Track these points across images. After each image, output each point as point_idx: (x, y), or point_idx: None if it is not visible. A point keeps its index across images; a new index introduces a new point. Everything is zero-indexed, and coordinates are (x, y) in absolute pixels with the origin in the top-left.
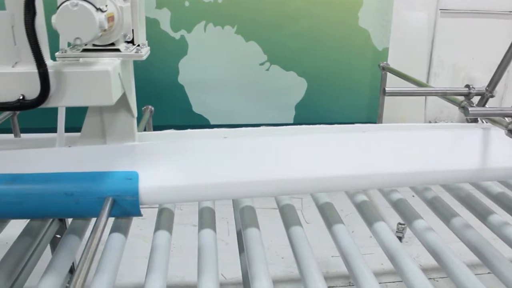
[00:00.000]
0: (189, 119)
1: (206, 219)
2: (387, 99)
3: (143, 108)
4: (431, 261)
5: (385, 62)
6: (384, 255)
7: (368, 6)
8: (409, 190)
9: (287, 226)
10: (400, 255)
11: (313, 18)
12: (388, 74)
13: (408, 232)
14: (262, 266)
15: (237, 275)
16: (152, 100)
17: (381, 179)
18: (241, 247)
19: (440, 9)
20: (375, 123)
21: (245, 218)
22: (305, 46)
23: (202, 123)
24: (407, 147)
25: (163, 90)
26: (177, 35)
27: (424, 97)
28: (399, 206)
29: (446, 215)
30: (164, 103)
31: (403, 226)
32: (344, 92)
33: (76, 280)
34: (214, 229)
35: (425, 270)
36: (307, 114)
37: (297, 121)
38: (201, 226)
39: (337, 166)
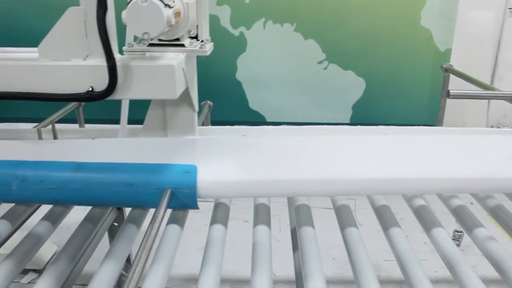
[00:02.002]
0: (245, 116)
1: (262, 215)
2: (447, 101)
3: (202, 103)
4: (490, 272)
5: (448, 64)
6: (438, 263)
7: (431, 4)
8: (468, 196)
9: (342, 226)
10: (459, 264)
11: (374, 16)
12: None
13: (464, 241)
14: (316, 265)
15: (287, 273)
16: (209, 95)
17: (441, 184)
18: (295, 245)
19: (509, 8)
20: (434, 126)
21: (300, 216)
22: (364, 45)
23: (258, 119)
24: (470, 152)
25: (221, 86)
26: (236, 32)
27: (487, 101)
28: (458, 213)
29: (510, 225)
30: (222, 99)
31: (460, 233)
32: (403, 93)
33: (135, 268)
34: (269, 225)
35: (484, 281)
36: (365, 115)
37: (354, 121)
38: (256, 222)
39: (396, 168)
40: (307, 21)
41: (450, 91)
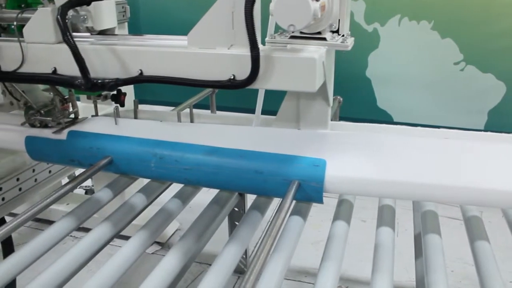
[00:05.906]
0: (373, 114)
1: (386, 217)
2: None
3: (332, 98)
4: None
5: None
6: None
7: None
8: None
9: (472, 239)
10: None
11: None
12: None
13: None
14: (442, 275)
15: (402, 278)
16: (338, 90)
17: None
18: (418, 252)
19: None
20: None
21: (426, 222)
22: (509, 46)
23: (385, 119)
24: None
25: (350, 82)
26: (369, 28)
27: None
28: None
29: None
30: (349, 95)
31: None
32: None
33: (259, 255)
34: (393, 228)
35: None
36: (502, 122)
37: (489, 128)
38: (379, 224)
39: None
40: (446, 19)
41: None
